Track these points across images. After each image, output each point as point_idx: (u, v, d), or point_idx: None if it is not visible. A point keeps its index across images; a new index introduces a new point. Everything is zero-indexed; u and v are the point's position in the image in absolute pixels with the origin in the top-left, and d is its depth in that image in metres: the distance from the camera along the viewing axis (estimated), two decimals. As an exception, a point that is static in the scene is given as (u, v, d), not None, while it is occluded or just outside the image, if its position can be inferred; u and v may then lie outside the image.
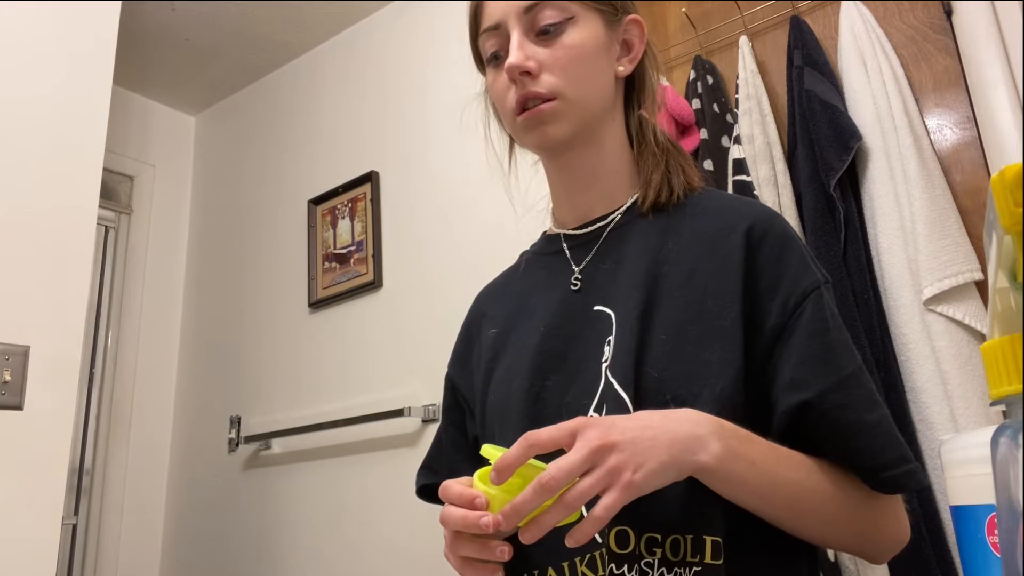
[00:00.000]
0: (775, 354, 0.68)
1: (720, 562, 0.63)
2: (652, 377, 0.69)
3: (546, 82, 0.75)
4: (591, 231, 0.82)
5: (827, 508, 0.65)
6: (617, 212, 0.81)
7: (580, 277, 0.80)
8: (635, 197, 0.81)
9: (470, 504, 0.59)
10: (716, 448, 0.60)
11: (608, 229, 0.81)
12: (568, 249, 0.83)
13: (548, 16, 0.76)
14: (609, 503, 0.54)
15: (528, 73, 0.75)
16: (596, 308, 0.76)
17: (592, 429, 0.57)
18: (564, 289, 0.80)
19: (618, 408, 0.68)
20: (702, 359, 0.68)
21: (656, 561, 0.64)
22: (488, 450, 0.60)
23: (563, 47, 0.76)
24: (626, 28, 0.82)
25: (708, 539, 0.64)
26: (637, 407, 0.68)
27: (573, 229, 0.84)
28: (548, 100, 0.75)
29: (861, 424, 0.65)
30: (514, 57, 0.75)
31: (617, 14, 0.81)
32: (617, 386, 0.70)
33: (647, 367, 0.69)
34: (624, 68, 0.81)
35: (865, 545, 0.69)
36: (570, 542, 0.55)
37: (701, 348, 0.68)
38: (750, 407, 0.68)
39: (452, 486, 0.62)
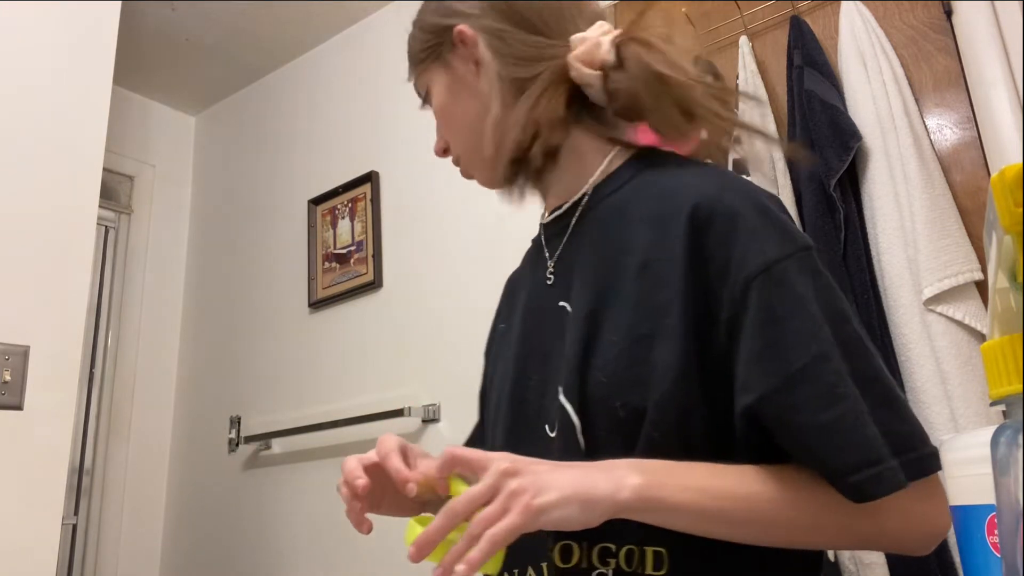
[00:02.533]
0: (731, 352, 0.62)
1: (663, 572, 0.62)
2: (600, 382, 0.65)
3: (451, 149, 0.82)
4: (562, 218, 0.78)
5: (801, 517, 0.59)
6: (584, 195, 0.76)
7: (553, 270, 0.77)
8: (595, 178, 0.76)
9: (402, 481, 0.66)
10: (634, 482, 0.57)
11: (576, 216, 0.76)
12: (545, 240, 0.80)
13: (421, 92, 0.83)
14: (506, 524, 0.54)
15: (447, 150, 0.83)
16: (560, 304, 0.73)
17: (503, 461, 0.57)
18: (541, 283, 0.78)
19: (563, 419, 0.67)
20: (651, 361, 0.63)
21: (598, 574, 0.64)
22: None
23: (438, 116, 0.81)
24: (457, 47, 0.77)
25: (649, 550, 0.62)
26: (583, 415, 0.66)
27: (549, 215, 0.80)
28: (458, 162, 0.82)
29: (811, 427, 0.58)
30: (434, 145, 0.84)
31: (441, 45, 0.78)
32: (562, 395, 0.67)
33: (595, 371, 0.66)
34: (486, 84, 0.76)
35: (881, 545, 0.63)
36: (460, 568, 0.54)
37: (651, 349, 0.63)
38: (714, 415, 0.62)
39: (393, 457, 0.68)
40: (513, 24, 0.75)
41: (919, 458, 0.58)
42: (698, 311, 0.63)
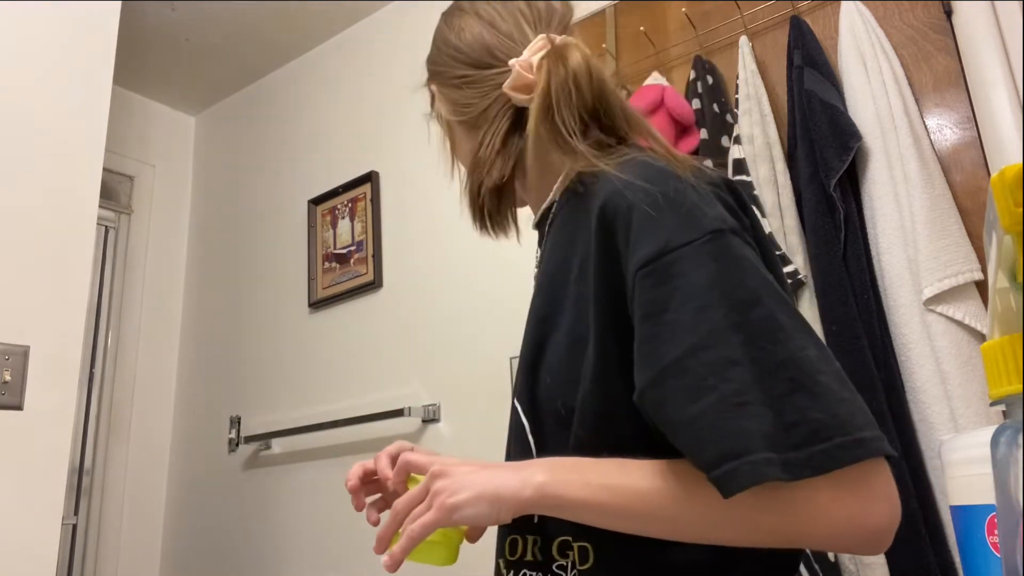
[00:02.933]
0: None
1: (588, 566, 0.63)
2: (546, 383, 0.68)
3: None
4: (540, 225, 0.80)
5: (702, 513, 0.56)
6: (553, 202, 0.78)
7: (536, 275, 0.79)
8: (559, 183, 0.77)
9: (384, 480, 0.75)
10: (539, 479, 0.59)
11: (548, 222, 0.78)
12: (537, 246, 0.83)
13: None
14: (421, 521, 0.61)
15: None
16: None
17: (437, 464, 0.64)
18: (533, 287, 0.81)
19: (516, 421, 0.71)
20: (583, 360, 0.64)
21: (558, 566, 0.67)
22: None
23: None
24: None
25: (576, 545, 0.64)
26: (533, 416, 0.69)
27: (534, 224, 0.82)
28: None
29: (679, 421, 0.55)
30: None
31: (431, 101, 0.89)
32: (515, 398, 0.71)
33: (543, 373, 0.68)
34: (449, 132, 0.87)
35: (813, 542, 0.56)
36: (386, 561, 0.62)
37: (584, 348, 0.64)
38: (639, 411, 0.61)
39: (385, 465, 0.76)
40: (472, 67, 0.79)
41: (832, 448, 0.51)
42: (614, 310, 0.62)
